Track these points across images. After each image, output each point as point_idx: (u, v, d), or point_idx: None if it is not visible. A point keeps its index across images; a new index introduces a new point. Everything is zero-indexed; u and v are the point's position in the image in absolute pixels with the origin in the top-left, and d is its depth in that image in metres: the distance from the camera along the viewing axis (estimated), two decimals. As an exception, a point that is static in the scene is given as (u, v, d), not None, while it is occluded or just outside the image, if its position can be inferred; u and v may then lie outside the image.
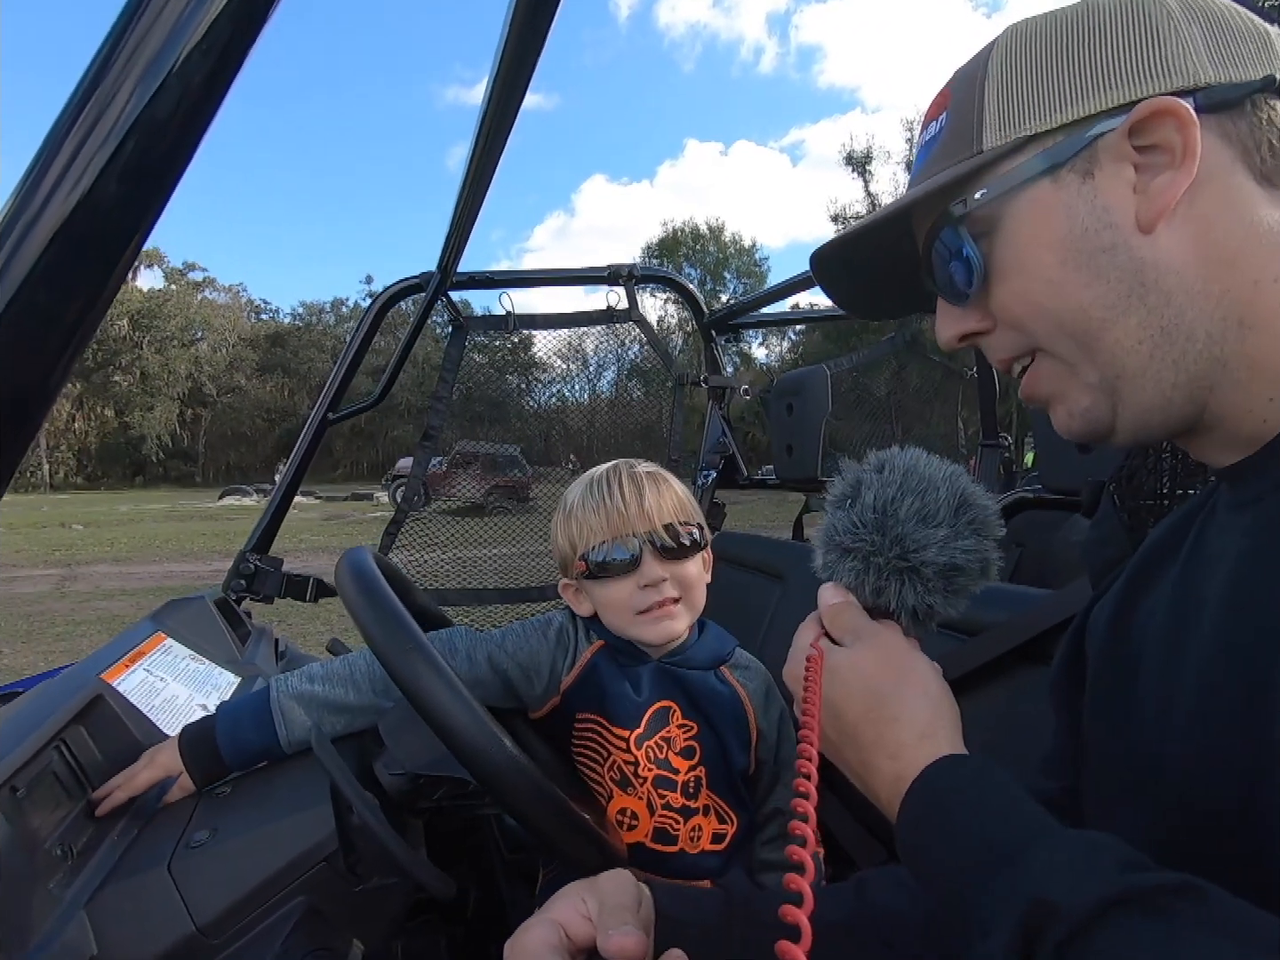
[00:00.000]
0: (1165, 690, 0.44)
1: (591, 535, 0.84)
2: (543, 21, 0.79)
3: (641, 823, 0.82)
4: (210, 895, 0.58)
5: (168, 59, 0.35)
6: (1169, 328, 0.41)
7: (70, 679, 0.80)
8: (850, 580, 0.51)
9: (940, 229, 0.47)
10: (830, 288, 0.58)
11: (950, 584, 0.50)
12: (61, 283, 0.36)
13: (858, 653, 0.50)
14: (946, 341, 0.52)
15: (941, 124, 0.48)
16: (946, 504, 0.50)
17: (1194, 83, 0.40)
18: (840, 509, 0.51)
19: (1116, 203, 0.42)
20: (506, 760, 0.51)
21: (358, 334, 1.72)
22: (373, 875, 0.61)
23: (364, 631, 0.55)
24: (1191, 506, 0.53)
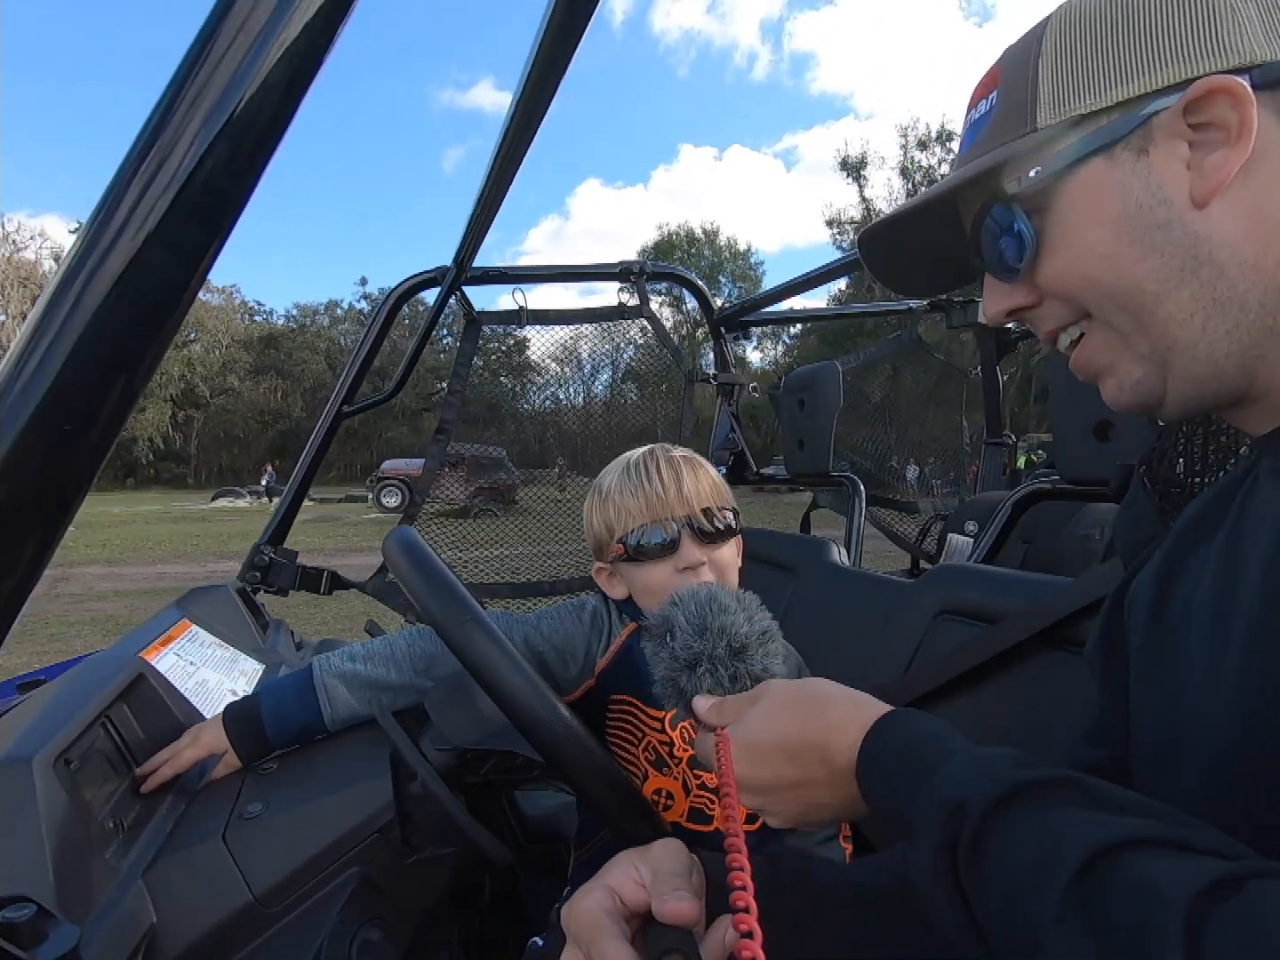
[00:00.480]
0: (1214, 653, 0.44)
1: (630, 518, 0.85)
2: (577, 27, 0.81)
3: (677, 802, 0.83)
4: (266, 866, 0.58)
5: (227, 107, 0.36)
6: (1222, 299, 0.42)
7: (108, 660, 0.81)
8: (709, 683, 0.59)
9: (992, 205, 0.48)
10: (874, 266, 0.59)
11: (768, 649, 0.60)
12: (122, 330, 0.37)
13: (760, 708, 0.55)
14: (994, 316, 0.53)
15: (992, 102, 0.49)
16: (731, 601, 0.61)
17: (1249, 60, 0.41)
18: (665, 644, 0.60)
19: (1171, 179, 0.43)
20: (569, 732, 0.52)
21: (372, 327, 1.73)
22: (426, 845, 0.62)
23: (420, 602, 0.56)
24: (1230, 481, 0.54)
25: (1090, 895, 0.32)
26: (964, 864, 0.38)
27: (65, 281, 0.36)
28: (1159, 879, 0.31)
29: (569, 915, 0.51)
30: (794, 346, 40.01)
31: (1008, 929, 0.36)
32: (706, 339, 2.23)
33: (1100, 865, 0.33)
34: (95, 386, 0.37)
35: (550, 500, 2.27)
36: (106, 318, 0.36)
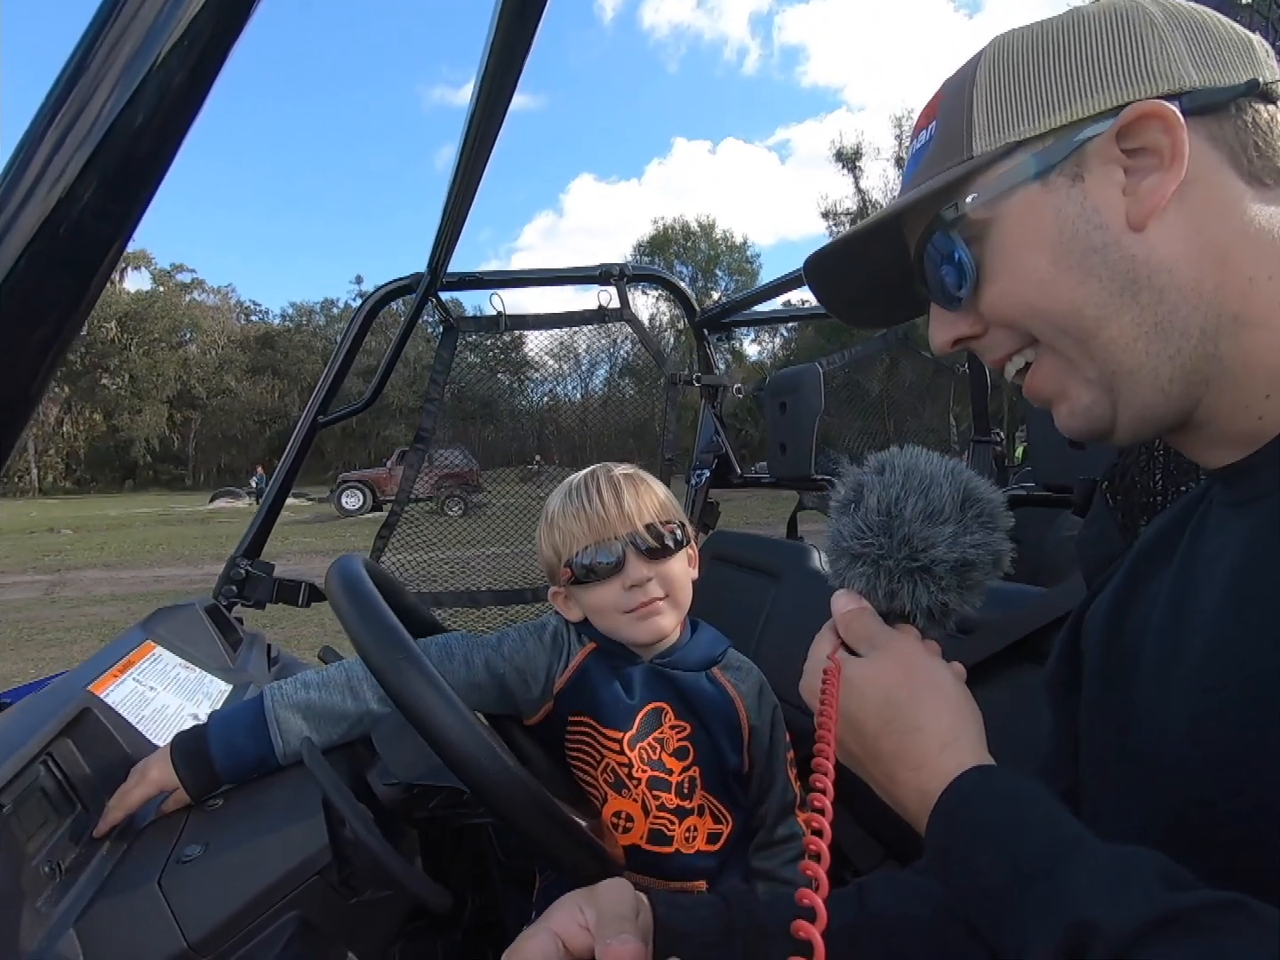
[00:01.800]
0: (1163, 688, 0.44)
1: (574, 541, 0.85)
2: (530, 21, 0.79)
3: (636, 825, 0.82)
4: (202, 911, 0.57)
5: (147, 58, 0.34)
6: (1163, 324, 0.42)
7: (57, 691, 0.79)
8: (862, 585, 0.50)
9: (932, 233, 0.48)
10: (824, 294, 0.59)
11: (964, 580, 0.50)
12: (39, 291, 0.35)
13: (874, 663, 0.49)
14: (939, 346, 0.52)
15: (931, 132, 0.49)
16: (951, 500, 0.49)
17: (1179, 86, 0.41)
18: (845, 514, 0.51)
19: (1106, 204, 0.42)
20: (500, 770, 0.50)
21: (348, 335, 1.71)
22: (367, 888, 0.61)
23: (355, 641, 0.54)
24: (1186, 504, 0.53)
25: None
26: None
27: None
28: None
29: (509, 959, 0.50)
30: (792, 339, 39.95)
31: None
32: (699, 337, 2.22)
33: None
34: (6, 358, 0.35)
35: (532, 497, 2.26)
36: (17, 285, 0.34)
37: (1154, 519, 0.60)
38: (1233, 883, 0.33)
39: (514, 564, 2.11)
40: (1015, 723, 0.96)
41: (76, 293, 0.37)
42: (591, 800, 0.84)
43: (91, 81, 0.34)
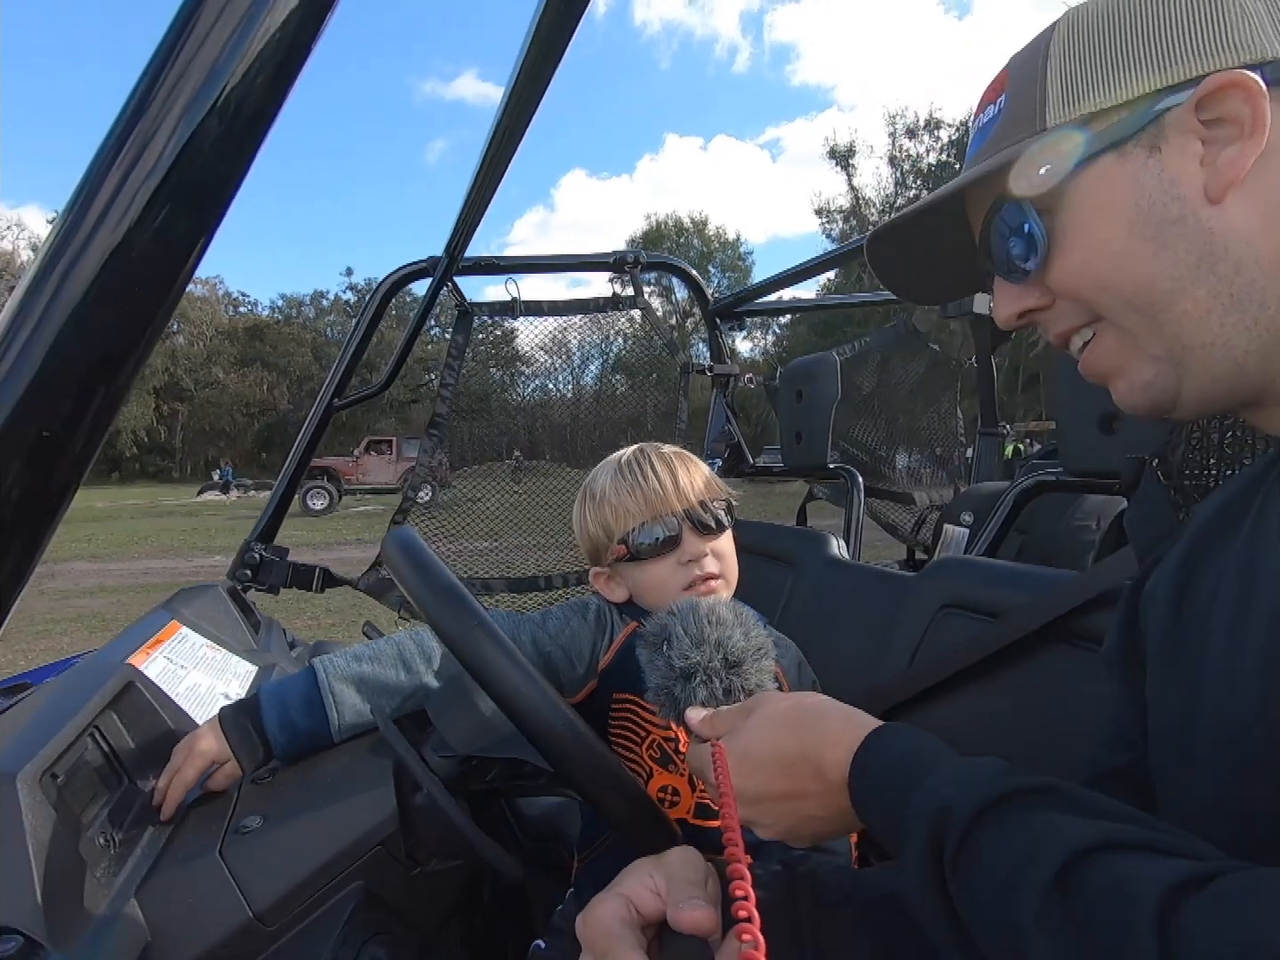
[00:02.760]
0: (1233, 658, 0.44)
1: (629, 518, 0.85)
2: (574, 14, 0.79)
3: (684, 799, 0.82)
4: (265, 881, 0.56)
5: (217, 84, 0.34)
6: (1240, 295, 0.42)
7: (96, 666, 0.78)
8: (704, 695, 0.59)
9: (1001, 206, 0.48)
10: (883, 272, 0.59)
11: (762, 664, 0.61)
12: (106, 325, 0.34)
13: (754, 720, 0.55)
14: (1005, 319, 0.52)
15: (1000, 105, 0.49)
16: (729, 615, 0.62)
17: (1260, 56, 0.41)
18: (660, 651, 0.61)
19: (1183, 175, 0.42)
20: (581, 742, 0.50)
21: (363, 318, 1.69)
22: (431, 859, 0.60)
23: (424, 607, 0.54)
24: (1251, 477, 0.53)
25: (1068, 895, 0.34)
26: (950, 869, 0.40)
27: (41, 274, 0.33)
28: (1132, 877, 0.33)
29: (583, 924, 0.50)
30: (784, 336, 40.03)
31: (992, 932, 0.38)
32: (695, 329, 2.22)
33: (1077, 867, 0.35)
34: (76, 388, 0.34)
35: (526, 492, 2.26)
36: (87, 314, 0.33)
37: (1211, 495, 0.60)
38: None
39: (525, 557, 2.10)
40: (1047, 704, 0.97)
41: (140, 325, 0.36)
42: (637, 775, 0.83)
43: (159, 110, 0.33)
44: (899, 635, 1.19)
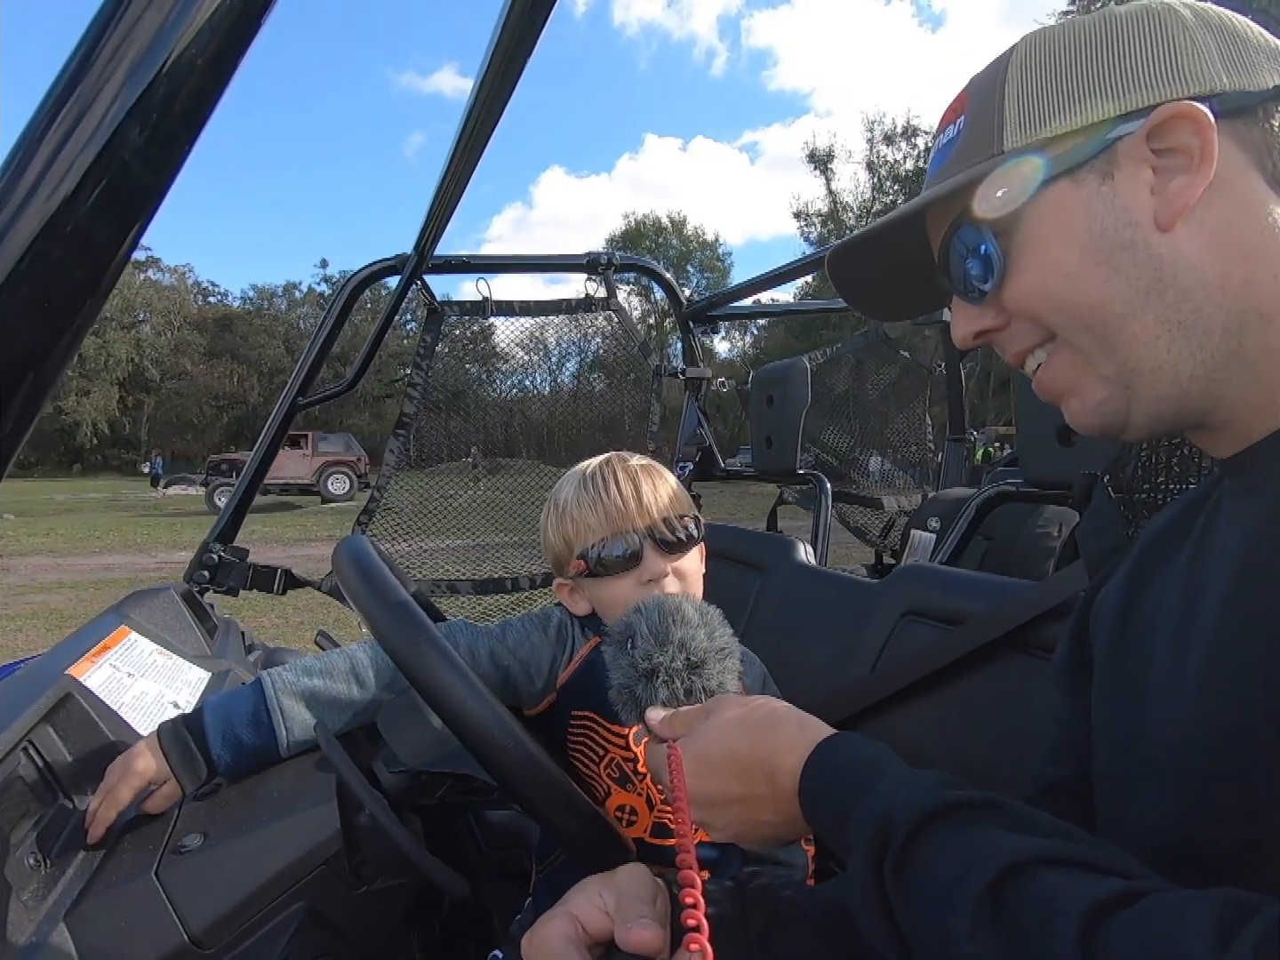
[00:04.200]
0: (1175, 676, 0.45)
1: (589, 533, 0.82)
2: (542, 9, 0.78)
3: (641, 818, 0.81)
4: (204, 902, 0.55)
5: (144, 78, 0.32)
6: (1186, 322, 0.43)
7: (34, 676, 0.75)
8: (665, 695, 0.59)
9: (959, 226, 0.48)
10: (844, 289, 0.59)
11: (724, 666, 0.60)
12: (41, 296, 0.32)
13: (711, 722, 0.56)
14: (962, 339, 0.53)
15: (960, 127, 0.49)
16: (692, 613, 0.61)
17: (1210, 89, 0.42)
18: (624, 651, 0.61)
19: (1135, 202, 0.43)
20: (525, 756, 0.49)
21: (329, 316, 1.66)
22: (377, 877, 0.59)
23: (370, 623, 0.52)
24: (1195, 496, 0.54)
25: (999, 907, 0.35)
26: (890, 878, 0.41)
27: None
28: (1061, 892, 0.34)
29: (529, 944, 0.50)
30: (761, 338, 40.28)
31: (927, 939, 0.39)
32: (673, 329, 2.21)
33: (1010, 880, 0.36)
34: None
35: (499, 489, 2.24)
36: (10, 305, 0.31)
37: (1160, 511, 0.61)
38: (1245, 864, 0.36)
39: (492, 555, 2.09)
40: (1005, 712, 0.98)
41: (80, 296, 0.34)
42: (593, 798, 0.81)
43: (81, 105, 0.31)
44: (863, 642, 1.20)
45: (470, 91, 1.02)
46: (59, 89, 0.32)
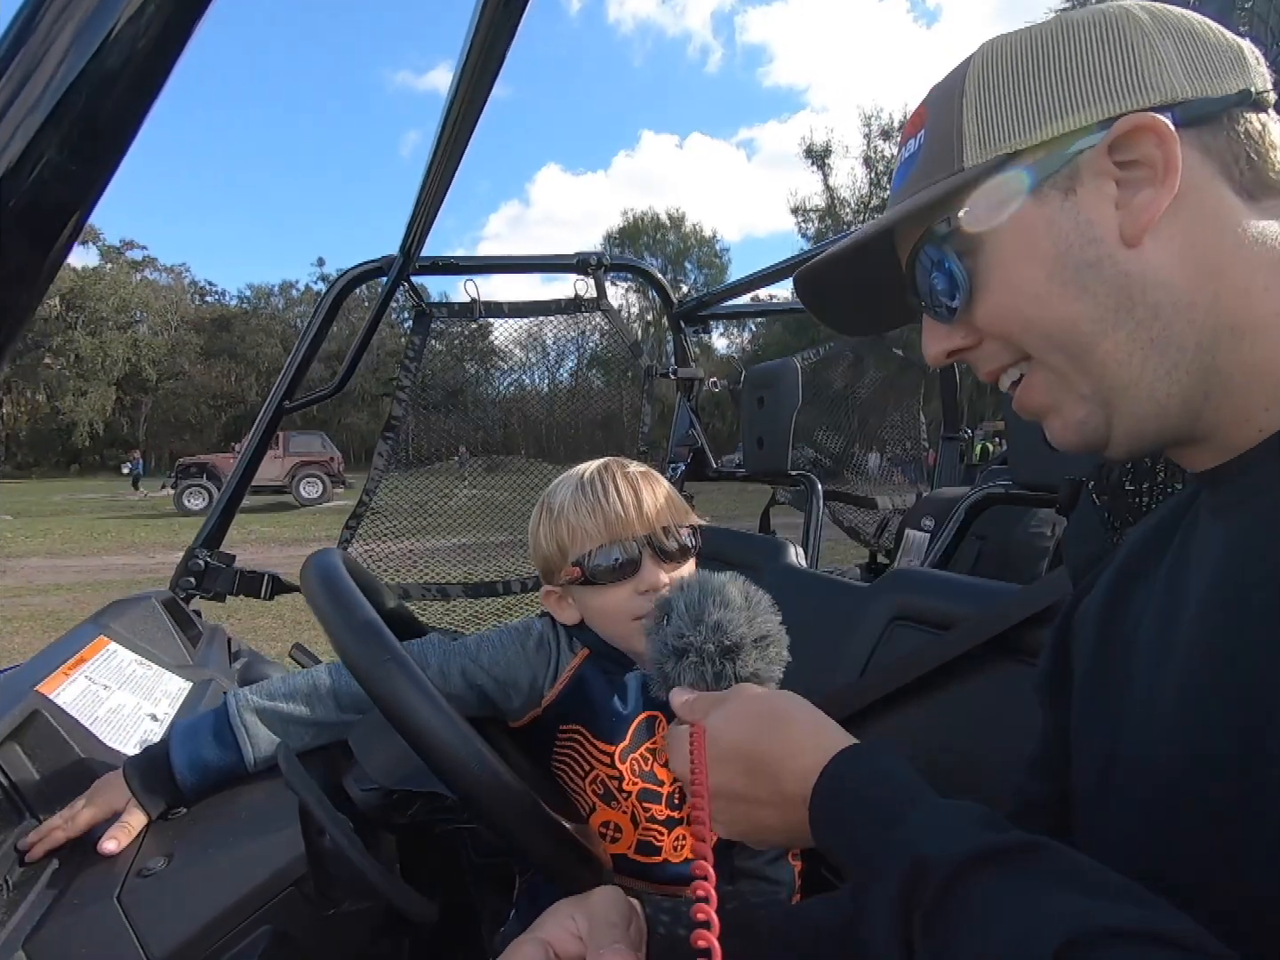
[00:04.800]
0: (1153, 693, 0.44)
1: (586, 539, 0.79)
2: (516, 6, 0.77)
3: (625, 835, 0.80)
4: (167, 927, 0.54)
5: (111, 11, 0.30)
6: (1159, 340, 0.41)
7: (2, 692, 0.74)
8: (692, 676, 0.57)
9: (923, 246, 0.47)
10: (815, 307, 0.58)
11: (765, 654, 0.58)
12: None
13: (726, 710, 0.54)
14: (933, 358, 0.52)
15: (920, 141, 0.48)
16: (737, 595, 0.59)
17: (1171, 98, 0.41)
18: (661, 627, 0.59)
19: (1099, 218, 0.42)
20: (489, 776, 0.48)
21: (315, 318, 1.65)
22: (345, 899, 0.58)
23: (335, 643, 0.51)
24: (1175, 507, 0.53)
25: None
26: (921, 925, 0.37)
27: None
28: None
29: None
30: (759, 334, 40.24)
31: None
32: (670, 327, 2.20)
33: (1076, 955, 0.31)
34: None
35: (496, 488, 2.23)
36: None
37: (1143, 519, 0.60)
38: (1221, 885, 0.34)
39: (483, 554, 2.08)
40: (993, 717, 0.97)
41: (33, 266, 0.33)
42: (578, 808, 0.81)
43: (46, 34, 0.30)
44: (853, 645, 1.19)
45: (448, 90, 1.00)
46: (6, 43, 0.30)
